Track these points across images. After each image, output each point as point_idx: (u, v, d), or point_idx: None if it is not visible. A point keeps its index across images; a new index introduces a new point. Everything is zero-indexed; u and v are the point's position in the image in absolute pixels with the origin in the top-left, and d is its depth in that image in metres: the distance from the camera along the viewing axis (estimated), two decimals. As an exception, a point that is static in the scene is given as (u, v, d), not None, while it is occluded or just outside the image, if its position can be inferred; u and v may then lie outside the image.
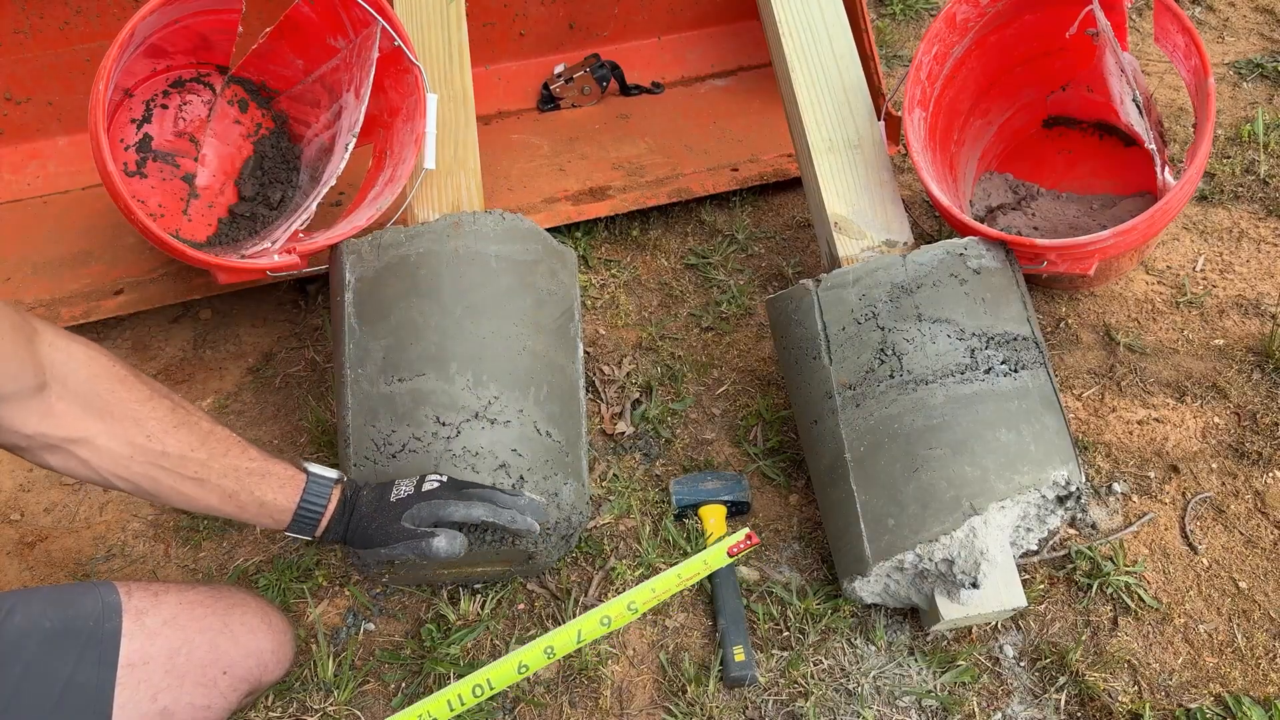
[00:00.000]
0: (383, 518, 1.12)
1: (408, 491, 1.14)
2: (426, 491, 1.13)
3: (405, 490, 1.14)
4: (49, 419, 0.95)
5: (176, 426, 1.03)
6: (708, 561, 1.22)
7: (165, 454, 1.02)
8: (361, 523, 1.13)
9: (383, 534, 1.11)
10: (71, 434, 0.97)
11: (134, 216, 1.28)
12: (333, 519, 1.13)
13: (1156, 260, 1.88)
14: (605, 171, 1.94)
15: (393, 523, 1.11)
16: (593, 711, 1.27)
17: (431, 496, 1.13)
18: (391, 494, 1.14)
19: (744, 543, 1.23)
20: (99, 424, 0.98)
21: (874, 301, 1.35)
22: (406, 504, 1.12)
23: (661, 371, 1.69)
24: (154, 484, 1.03)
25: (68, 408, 0.96)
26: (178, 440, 1.03)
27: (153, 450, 1.01)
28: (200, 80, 1.66)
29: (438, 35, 1.53)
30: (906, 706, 1.27)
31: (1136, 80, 1.54)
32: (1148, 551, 1.45)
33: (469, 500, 1.13)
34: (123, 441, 1.00)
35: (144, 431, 1.01)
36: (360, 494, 1.15)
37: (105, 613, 1.01)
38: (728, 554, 1.23)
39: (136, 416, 1.00)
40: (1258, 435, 1.58)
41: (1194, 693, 1.29)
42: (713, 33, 2.24)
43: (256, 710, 1.24)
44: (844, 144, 1.54)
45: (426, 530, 1.10)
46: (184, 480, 1.04)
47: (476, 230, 1.35)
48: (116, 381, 1.00)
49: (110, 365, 1.01)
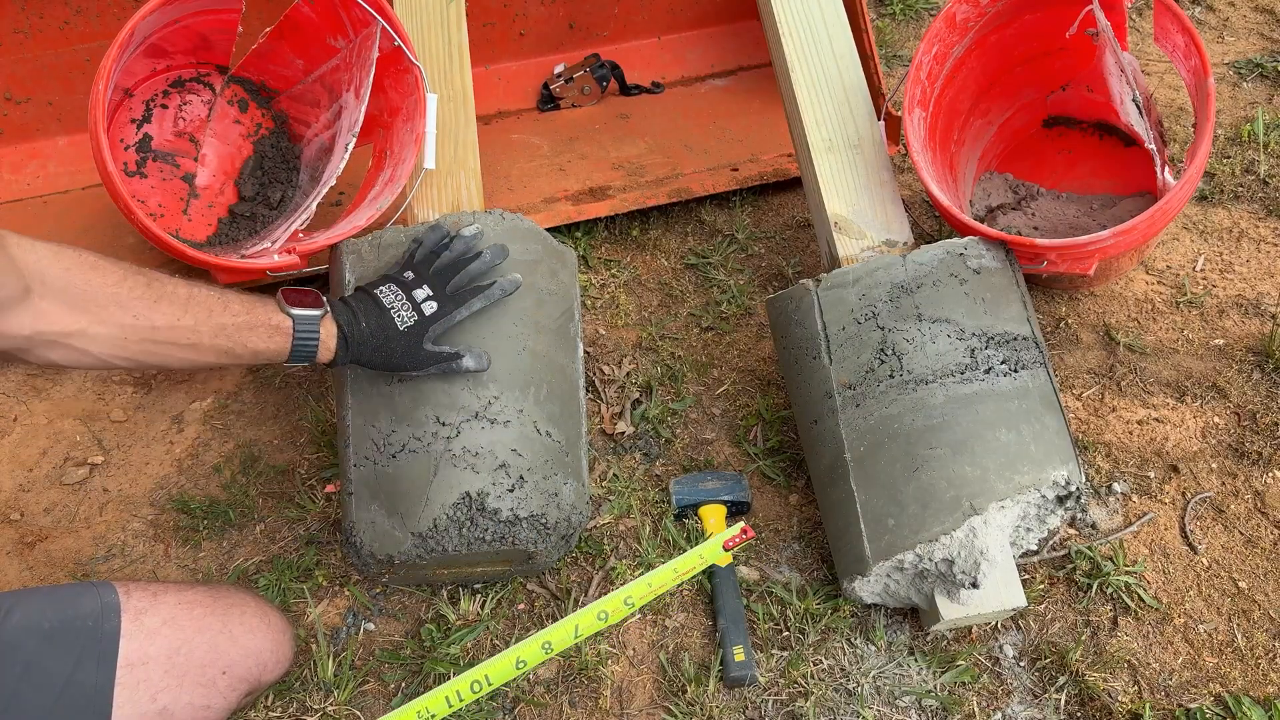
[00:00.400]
0: (403, 344, 1.20)
1: (413, 317, 1.21)
2: (430, 315, 1.21)
3: (409, 316, 1.21)
4: (41, 318, 0.97)
5: (157, 300, 1.05)
6: (703, 555, 1.23)
7: (155, 328, 1.05)
8: (377, 350, 1.20)
9: (410, 358, 1.20)
10: (66, 328, 0.99)
11: (134, 216, 1.28)
12: (337, 351, 1.18)
13: (1156, 260, 1.88)
14: (605, 171, 1.94)
15: (416, 349, 1.20)
16: (593, 711, 1.27)
17: (438, 316, 1.22)
18: (396, 322, 1.20)
19: (739, 536, 1.23)
20: (87, 314, 1.00)
21: (874, 301, 1.35)
22: (419, 330, 1.20)
23: (661, 371, 1.69)
24: (154, 356, 1.07)
25: (53, 305, 0.98)
26: (163, 313, 1.05)
27: (142, 327, 1.04)
28: (200, 80, 1.66)
29: (438, 35, 1.53)
30: (906, 706, 1.27)
31: (1136, 80, 1.54)
32: (1148, 551, 1.45)
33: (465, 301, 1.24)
34: (114, 325, 1.02)
35: (130, 312, 1.03)
36: (357, 324, 1.19)
37: (104, 612, 1.01)
38: (724, 547, 1.23)
39: (118, 299, 1.02)
40: (1258, 435, 1.58)
41: (1194, 693, 1.29)
42: (713, 33, 2.24)
43: (256, 710, 1.24)
44: (844, 144, 1.54)
45: (453, 353, 1.22)
46: (179, 348, 1.08)
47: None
48: (90, 269, 1.02)
49: (78, 255, 1.02)
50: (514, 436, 1.25)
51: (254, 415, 1.61)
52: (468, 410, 1.24)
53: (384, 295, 1.22)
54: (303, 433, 1.58)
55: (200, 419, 1.60)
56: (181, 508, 1.46)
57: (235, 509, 1.46)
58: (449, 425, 1.23)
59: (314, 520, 1.46)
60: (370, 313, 1.20)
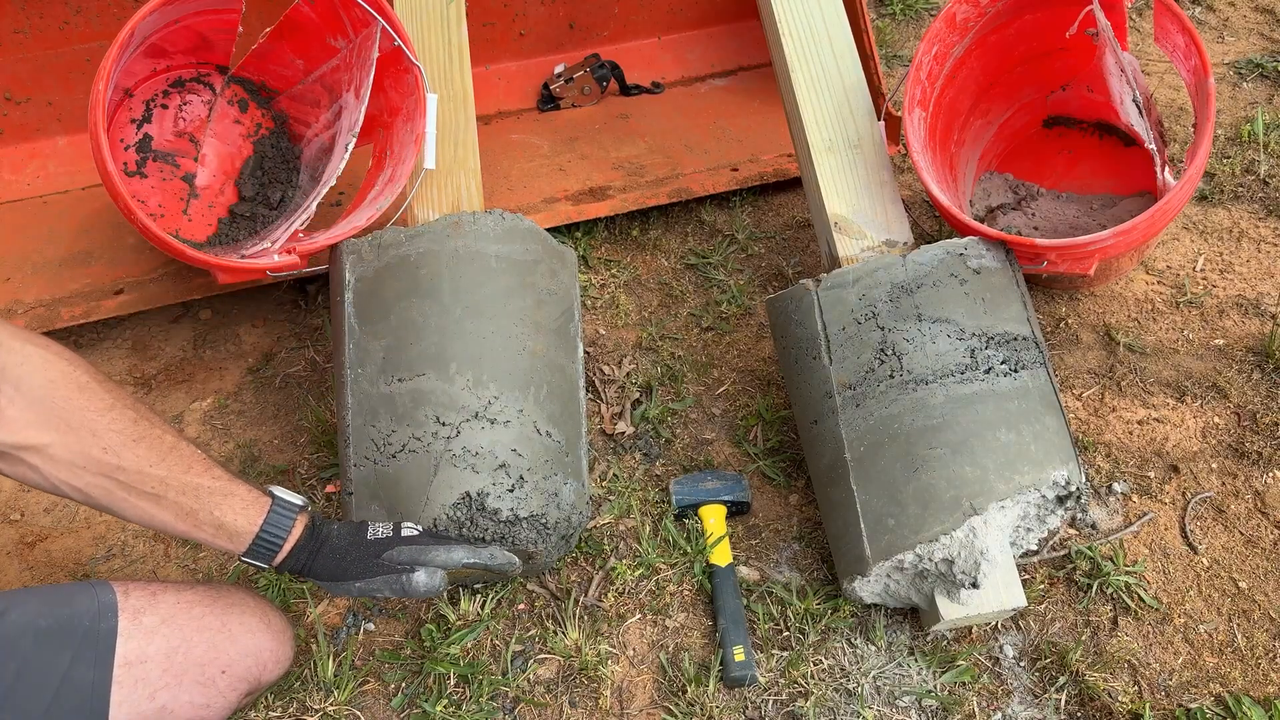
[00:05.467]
0: (359, 553, 1.11)
1: (386, 534, 1.13)
2: (407, 536, 1.13)
3: (383, 532, 1.13)
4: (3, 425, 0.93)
5: (137, 440, 1.00)
6: None
7: (121, 468, 0.98)
8: (334, 555, 1.11)
9: (360, 568, 1.10)
10: (23, 441, 0.94)
11: (134, 216, 1.28)
12: (296, 547, 1.09)
13: (1156, 260, 1.88)
14: (605, 171, 1.94)
15: (371, 559, 1.10)
16: (593, 711, 1.27)
17: (412, 541, 1.13)
18: (368, 533, 1.13)
19: None
20: (53, 433, 0.95)
21: (874, 301, 1.35)
22: (386, 544, 1.11)
23: (661, 371, 1.69)
24: (107, 496, 1.00)
25: (20, 414, 0.93)
26: (136, 455, 0.99)
27: (108, 463, 0.98)
28: (200, 80, 1.66)
29: (438, 35, 1.53)
30: (906, 706, 1.27)
31: (1136, 80, 1.54)
32: (1148, 551, 1.45)
33: (449, 545, 1.14)
34: (77, 452, 0.96)
35: (100, 444, 0.97)
36: (330, 527, 1.13)
37: (101, 612, 1.01)
38: None
39: (94, 428, 0.97)
40: (1258, 435, 1.58)
41: (1194, 693, 1.29)
42: (713, 33, 2.24)
43: (256, 710, 1.24)
44: (844, 144, 1.54)
45: (405, 566, 1.10)
46: (139, 495, 1.00)
47: (476, 230, 1.35)
48: (76, 389, 0.97)
49: (70, 371, 0.97)
50: (514, 436, 1.25)
51: (254, 415, 1.61)
52: (468, 410, 1.24)
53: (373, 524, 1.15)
54: (303, 433, 1.58)
55: (200, 419, 1.59)
56: (181, 508, 1.46)
57: (235, 509, 1.46)
58: (449, 425, 1.23)
59: (314, 520, 1.46)
60: (348, 524, 1.14)
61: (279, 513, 1.08)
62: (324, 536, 1.11)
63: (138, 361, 1.68)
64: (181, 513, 1.03)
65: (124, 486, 1.00)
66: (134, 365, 1.67)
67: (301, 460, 1.54)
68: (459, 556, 1.13)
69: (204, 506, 1.04)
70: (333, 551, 1.11)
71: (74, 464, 0.97)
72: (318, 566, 1.10)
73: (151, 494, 1.01)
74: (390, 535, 1.13)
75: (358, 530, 1.13)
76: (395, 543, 1.12)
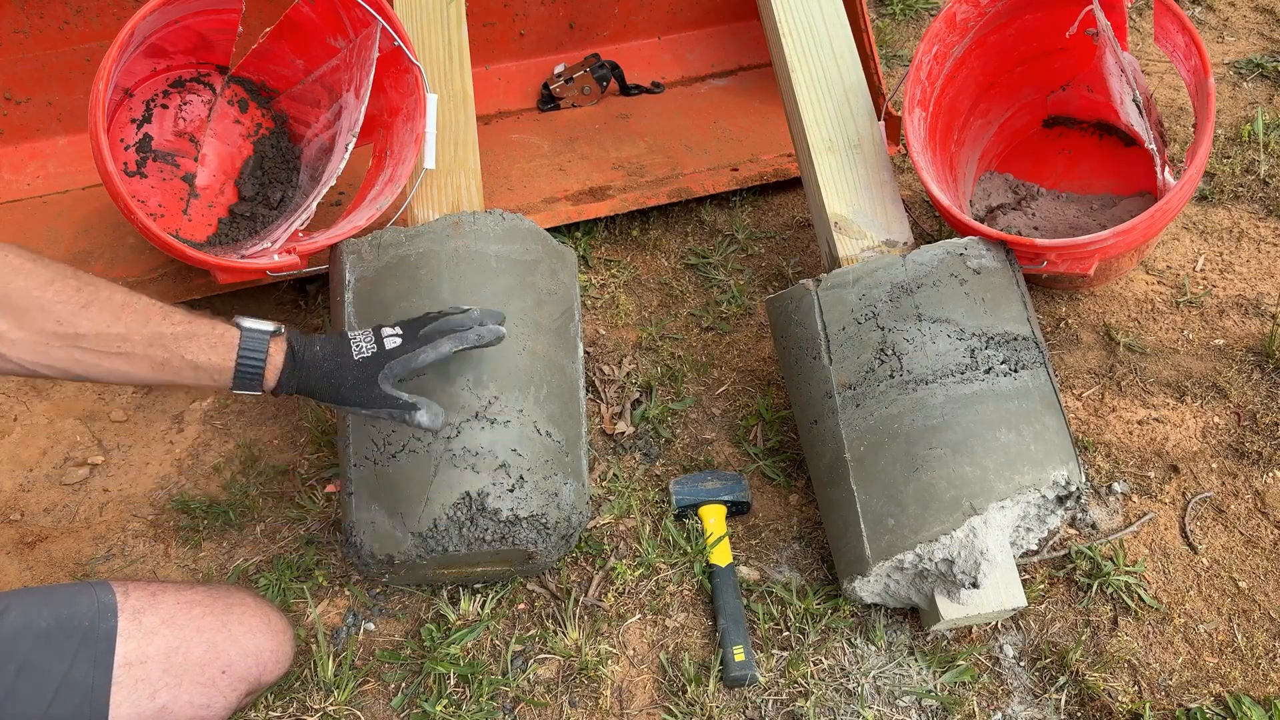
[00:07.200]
0: (355, 376, 1.10)
1: (371, 349, 1.11)
2: (391, 349, 1.11)
3: (368, 348, 1.11)
4: None
5: (85, 306, 0.99)
6: None
7: (80, 335, 0.98)
8: (325, 378, 1.10)
9: (360, 395, 1.09)
10: None
11: (134, 216, 1.28)
12: (283, 372, 1.08)
13: (1156, 260, 1.88)
14: (605, 171, 1.94)
15: (369, 384, 1.09)
16: (593, 711, 1.27)
17: (399, 353, 1.11)
18: (352, 351, 1.11)
19: None
20: (5, 319, 0.95)
21: (874, 301, 1.35)
22: (376, 363, 1.10)
23: (661, 371, 1.69)
24: (79, 365, 1.00)
25: None
26: (90, 320, 0.99)
27: (66, 334, 0.97)
28: (200, 80, 1.66)
29: (438, 35, 1.53)
30: (906, 706, 1.27)
31: (1136, 80, 1.54)
32: (1148, 551, 1.45)
33: (433, 341, 1.13)
34: (33, 331, 0.96)
35: (53, 318, 0.97)
36: (312, 349, 1.11)
37: (101, 612, 1.01)
38: None
39: (41, 304, 0.97)
40: (1258, 435, 1.58)
41: (1194, 693, 1.29)
42: (713, 33, 2.24)
43: (257, 710, 1.24)
44: (844, 144, 1.54)
45: (409, 402, 1.10)
46: (107, 357, 1.00)
47: (476, 230, 1.35)
48: (13, 272, 0.96)
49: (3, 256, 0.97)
50: (514, 436, 1.25)
51: (254, 415, 1.61)
52: (468, 410, 1.24)
53: (351, 331, 1.15)
54: (303, 433, 1.58)
55: (200, 419, 1.60)
56: (181, 508, 1.46)
57: (235, 509, 1.46)
58: (449, 425, 1.23)
59: (314, 520, 1.46)
60: (328, 340, 1.13)
61: (250, 341, 1.07)
62: (306, 360, 1.10)
63: (138, 361, 1.67)
64: (155, 364, 1.02)
65: (90, 352, 1.00)
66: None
67: (301, 460, 1.54)
68: (446, 349, 1.12)
69: (173, 353, 1.03)
70: (323, 375, 1.10)
71: (34, 344, 0.97)
72: (316, 388, 1.10)
73: (119, 353, 1.01)
74: (375, 350, 1.11)
75: (340, 348, 1.11)
76: (384, 359, 1.10)
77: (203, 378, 1.05)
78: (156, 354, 1.02)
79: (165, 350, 1.02)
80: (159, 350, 1.02)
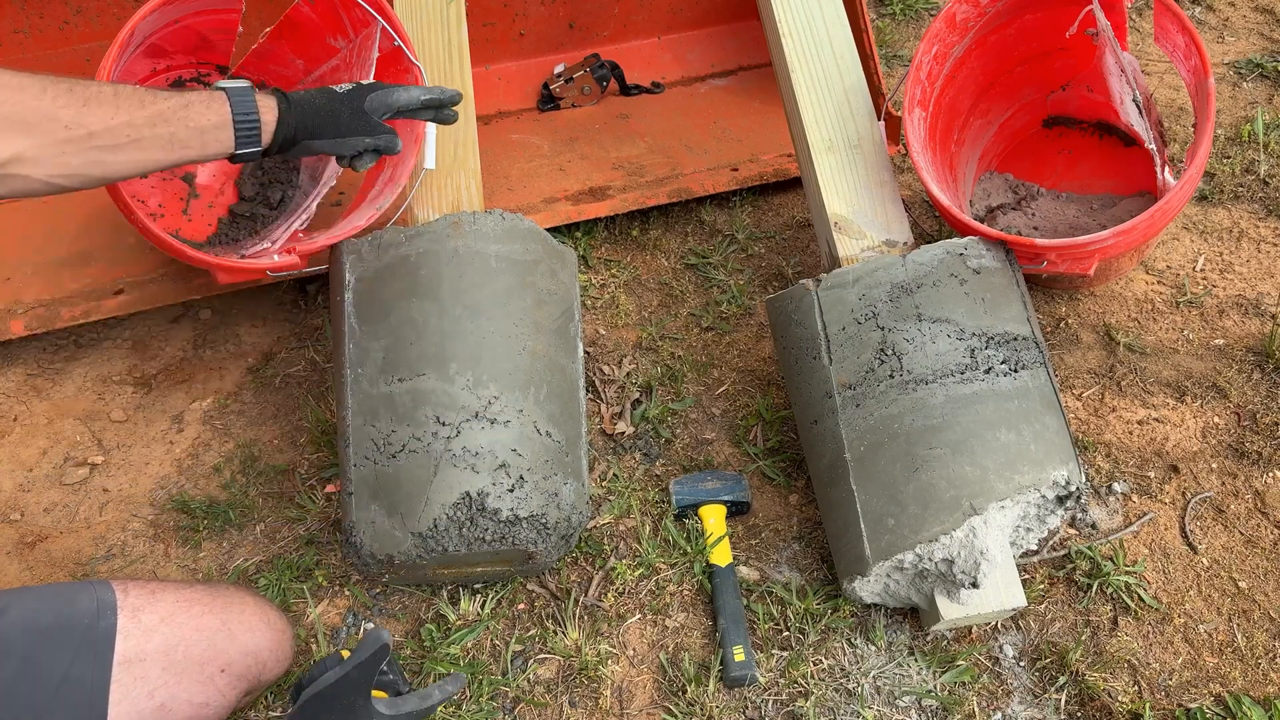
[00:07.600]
0: (344, 107, 1.16)
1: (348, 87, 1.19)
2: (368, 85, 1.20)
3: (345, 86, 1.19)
4: None
5: (85, 104, 0.99)
6: None
7: (92, 134, 0.98)
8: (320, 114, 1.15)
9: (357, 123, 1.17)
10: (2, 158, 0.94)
11: (134, 216, 1.28)
12: (279, 120, 1.12)
13: (1156, 260, 1.88)
14: (605, 171, 1.94)
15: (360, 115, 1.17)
16: (593, 711, 1.27)
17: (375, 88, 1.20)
18: (336, 89, 1.19)
19: None
20: (18, 139, 0.95)
21: (874, 301, 1.35)
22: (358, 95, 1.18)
23: (661, 371, 1.69)
24: (99, 166, 1.00)
25: None
26: (95, 116, 0.99)
27: (79, 135, 0.97)
28: (200, 80, 1.66)
29: (438, 35, 1.53)
30: (906, 706, 1.27)
31: (1136, 80, 1.54)
32: (1148, 551, 1.45)
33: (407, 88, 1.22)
34: (50, 143, 0.96)
35: (61, 124, 0.97)
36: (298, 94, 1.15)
37: (100, 610, 1.01)
38: None
39: (46, 113, 0.96)
40: (1258, 435, 1.58)
41: (1194, 693, 1.29)
42: (713, 33, 2.24)
43: (256, 709, 1.24)
44: (844, 144, 1.54)
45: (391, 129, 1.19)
46: (121, 149, 1.01)
47: (476, 230, 1.35)
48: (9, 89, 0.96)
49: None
50: (514, 436, 1.25)
51: (254, 415, 1.61)
52: (468, 410, 1.24)
53: None
54: (303, 433, 1.58)
55: (200, 419, 1.60)
56: (181, 508, 1.46)
57: (235, 509, 1.46)
58: (449, 425, 1.23)
59: (314, 520, 1.46)
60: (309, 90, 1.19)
61: (238, 95, 1.10)
62: (298, 99, 1.14)
63: (138, 361, 1.68)
64: (163, 142, 1.04)
65: (105, 149, 1.00)
66: (134, 365, 1.67)
67: (301, 460, 1.54)
68: (416, 94, 1.22)
69: (177, 126, 1.04)
70: (317, 111, 1.14)
71: (55, 156, 0.97)
72: (314, 126, 1.14)
73: (130, 140, 1.02)
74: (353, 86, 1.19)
75: (323, 90, 1.18)
76: (365, 90, 1.19)
77: (209, 143, 1.08)
78: (163, 131, 1.04)
79: (169, 125, 1.04)
80: (164, 127, 1.04)
